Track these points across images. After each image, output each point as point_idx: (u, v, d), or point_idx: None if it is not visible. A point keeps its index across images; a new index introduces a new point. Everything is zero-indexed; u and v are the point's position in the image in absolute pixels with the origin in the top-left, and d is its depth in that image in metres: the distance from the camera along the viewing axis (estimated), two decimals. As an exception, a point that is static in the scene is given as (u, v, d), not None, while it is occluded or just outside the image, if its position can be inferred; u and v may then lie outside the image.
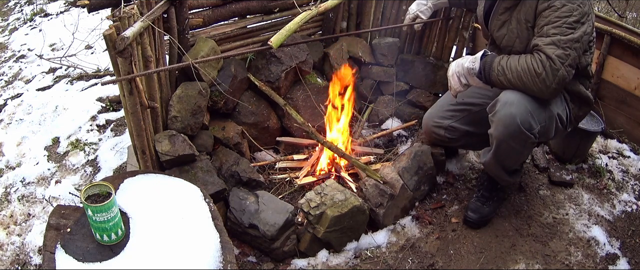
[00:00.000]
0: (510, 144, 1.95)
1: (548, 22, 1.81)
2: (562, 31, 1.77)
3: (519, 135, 1.89)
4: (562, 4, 1.78)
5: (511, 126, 1.88)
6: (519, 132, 1.88)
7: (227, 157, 2.37)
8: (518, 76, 1.83)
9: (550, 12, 1.81)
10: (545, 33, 1.81)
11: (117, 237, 1.53)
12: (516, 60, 1.86)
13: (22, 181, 2.69)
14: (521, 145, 1.95)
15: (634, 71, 2.68)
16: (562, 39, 1.76)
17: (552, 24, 1.79)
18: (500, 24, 2.05)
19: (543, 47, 1.79)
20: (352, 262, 2.12)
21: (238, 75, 2.49)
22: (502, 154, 2.03)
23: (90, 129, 3.05)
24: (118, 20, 1.72)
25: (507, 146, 1.97)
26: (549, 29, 1.80)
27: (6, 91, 3.88)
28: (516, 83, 1.85)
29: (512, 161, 2.09)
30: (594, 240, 2.21)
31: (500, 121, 1.92)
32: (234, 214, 2.10)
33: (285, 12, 2.75)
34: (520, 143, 1.94)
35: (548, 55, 1.77)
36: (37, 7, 6.04)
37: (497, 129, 1.94)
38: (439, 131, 2.33)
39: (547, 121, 1.95)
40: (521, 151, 2.01)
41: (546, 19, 1.81)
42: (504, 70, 1.87)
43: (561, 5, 1.78)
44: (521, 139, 1.91)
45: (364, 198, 2.23)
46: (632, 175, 2.61)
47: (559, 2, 1.79)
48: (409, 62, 2.99)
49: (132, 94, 1.80)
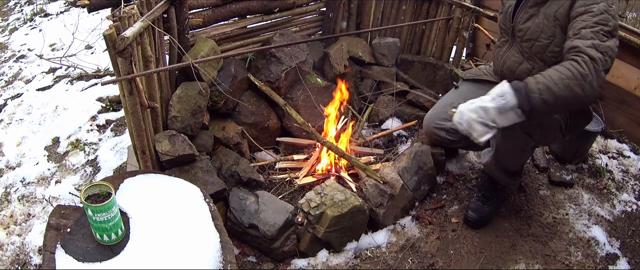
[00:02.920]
0: (511, 147, 1.94)
1: (586, 26, 1.78)
2: (600, 37, 1.75)
3: (519, 138, 1.89)
4: (601, 11, 1.77)
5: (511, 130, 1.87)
6: (520, 136, 1.88)
7: (227, 157, 2.37)
8: (566, 85, 1.70)
9: (589, 16, 1.78)
10: (584, 36, 1.77)
11: (117, 237, 1.53)
12: (555, 72, 1.73)
13: (22, 181, 2.69)
14: (521, 148, 1.95)
15: (634, 71, 2.68)
16: (601, 45, 1.74)
17: (590, 28, 1.77)
18: (527, 17, 2.02)
19: (585, 49, 1.74)
20: (352, 262, 2.12)
21: (238, 75, 2.49)
22: (502, 156, 2.03)
23: (90, 129, 3.05)
24: (118, 20, 1.72)
25: (506, 150, 1.97)
26: (587, 33, 1.77)
27: (6, 91, 3.88)
28: (565, 94, 1.71)
29: (513, 163, 2.09)
30: (594, 240, 2.21)
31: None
32: (234, 214, 2.10)
33: (285, 12, 2.75)
34: (520, 146, 1.94)
35: (591, 56, 1.72)
36: (37, 7, 6.04)
37: (497, 133, 1.92)
38: (440, 133, 2.33)
39: (547, 125, 1.93)
40: (521, 154, 2.00)
41: (584, 23, 1.79)
42: (547, 86, 1.71)
43: (599, 13, 1.77)
44: (521, 142, 1.91)
45: (364, 198, 2.23)
46: (632, 175, 2.61)
47: (597, 9, 1.77)
48: (409, 62, 2.99)
49: (132, 94, 1.80)
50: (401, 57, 3.01)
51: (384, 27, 2.96)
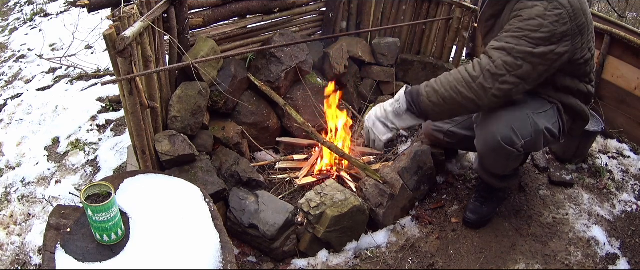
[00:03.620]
0: (493, 157, 1.91)
1: (508, 30, 1.65)
2: (519, 42, 1.61)
3: (500, 150, 1.83)
4: (531, 17, 1.60)
5: (491, 142, 1.82)
6: (500, 148, 1.81)
7: (227, 157, 2.37)
8: (452, 87, 1.67)
9: (516, 20, 1.64)
10: (500, 38, 1.66)
11: (117, 237, 1.53)
12: (447, 75, 1.73)
13: (22, 181, 2.69)
14: (505, 158, 1.88)
15: (634, 71, 2.69)
16: (516, 49, 1.60)
17: (511, 32, 1.63)
18: (486, 31, 1.98)
19: (489, 51, 1.65)
20: (352, 262, 2.12)
21: (238, 75, 2.49)
22: (487, 165, 2.01)
23: (90, 129, 3.05)
24: (118, 20, 1.72)
25: (490, 159, 1.94)
26: (505, 36, 1.65)
27: (6, 91, 3.88)
28: (451, 96, 1.68)
29: (500, 171, 2.03)
30: (594, 240, 2.21)
31: (480, 137, 1.88)
32: (234, 214, 2.11)
33: (285, 12, 2.76)
34: (503, 157, 1.87)
35: (490, 57, 1.63)
36: (37, 7, 6.04)
37: (479, 143, 1.90)
38: (439, 135, 2.34)
39: (533, 135, 1.82)
40: (506, 163, 1.93)
41: (509, 26, 1.67)
42: (434, 89, 1.72)
43: (528, 18, 1.61)
44: (504, 153, 1.84)
45: (364, 198, 2.23)
46: (632, 175, 2.61)
47: (527, 14, 1.62)
48: (409, 62, 2.99)
49: (132, 94, 1.80)
50: (401, 57, 3.01)
51: (384, 27, 2.96)
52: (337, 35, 2.94)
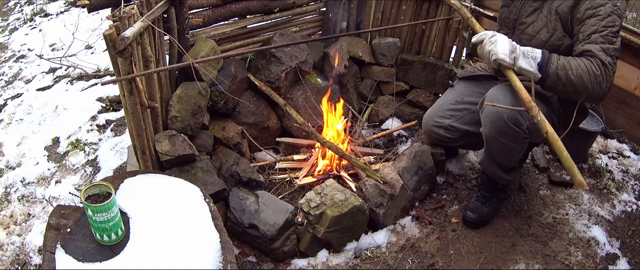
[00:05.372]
0: (500, 140, 1.95)
1: (595, 31, 1.84)
2: (609, 40, 1.82)
3: (507, 131, 1.90)
4: (608, 14, 1.83)
5: (497, 122, 1.89)
6: (507, 128, 1.89)
7: (227, 157, 2.37)
8: (579, 74, 1.82)
9: (597, 20, 1.84)
10: (594, 40, 1.83)
11: (117, 237, 1.53)
12: (575, 60, 1.85)
13: (22, 181, 2.69)
14: (512, 141, 1.95)
15: (634, 71, 2.69)
16: (610, 48, 1.82)
17: (599, 33, 1.83)
18: (531, 10, 2.05)
19: (597, 54, 1.81)
20: (352, 262, 2.12)
21: (238, 75, 2.49)
22: (494, 151, 2.03)
23: (90, 129, 3.05)
24: (118, 20, 1.72)
25: (497, 143, 1.97)
26: (597, 37, 1.83)
27: (6, 91, 3.88)
28: (576, 81, 1.82)
29: (506, 158, 2.08)
30: (594, 240, 2.21)
31: (486, 118, 1.95)
32: (234, 214, 2.10)
33: (285, 12, 2.75)
34: (510, 139, 1.94)
35: (602, 61, 1.80)
36: (37, 7, 6.04)
37: (485, 126, 1.97)
38: (439, 131, 2.33)
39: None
40: (513, 147, 2.00)
41: (593, 27, 1.84)
42: (565, 67, 1.83)
43: (606, 15, 1.83)
44: (510, 134, 1.92)
45: (364, 198, 2.23)
46: (632, 175, 2.61)
47: (604, 12, 1.83)
48: (409, 62, 2.99)
49: (132, 94, 1.80)
50: (401, 57, 3.01)
51: (384, 27, 2.96)
52: (337, 35, 2.94)
